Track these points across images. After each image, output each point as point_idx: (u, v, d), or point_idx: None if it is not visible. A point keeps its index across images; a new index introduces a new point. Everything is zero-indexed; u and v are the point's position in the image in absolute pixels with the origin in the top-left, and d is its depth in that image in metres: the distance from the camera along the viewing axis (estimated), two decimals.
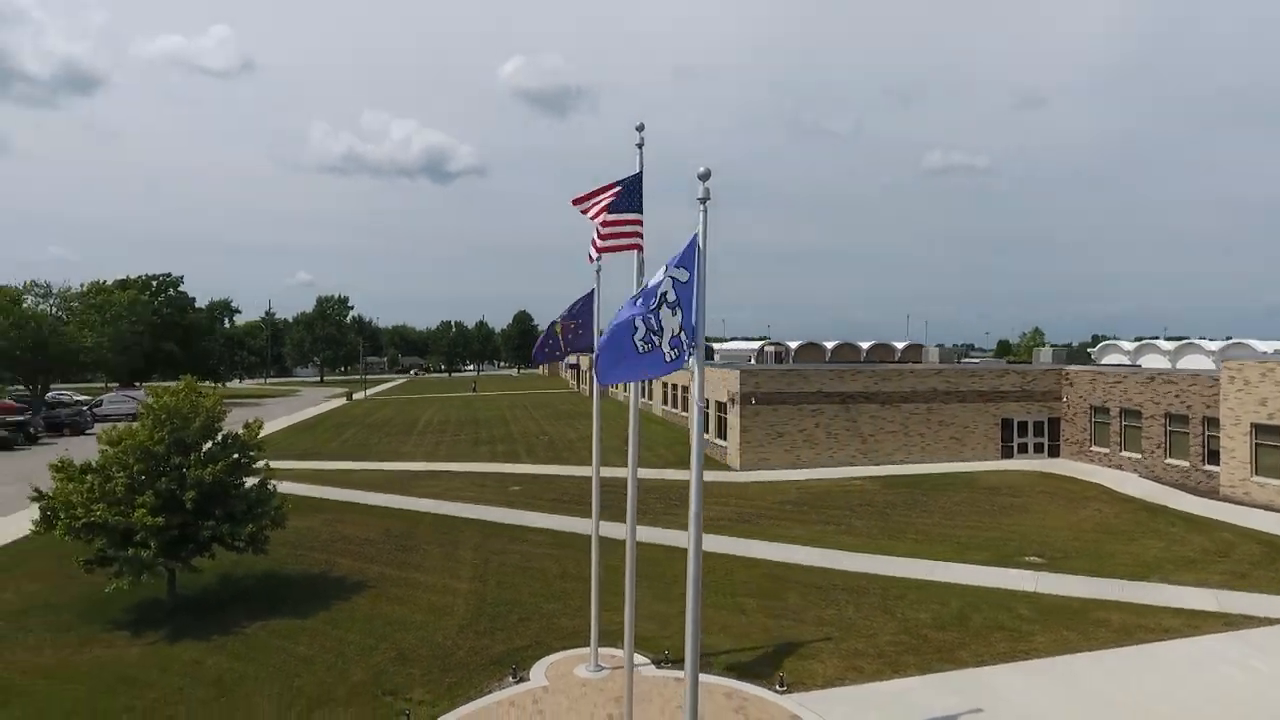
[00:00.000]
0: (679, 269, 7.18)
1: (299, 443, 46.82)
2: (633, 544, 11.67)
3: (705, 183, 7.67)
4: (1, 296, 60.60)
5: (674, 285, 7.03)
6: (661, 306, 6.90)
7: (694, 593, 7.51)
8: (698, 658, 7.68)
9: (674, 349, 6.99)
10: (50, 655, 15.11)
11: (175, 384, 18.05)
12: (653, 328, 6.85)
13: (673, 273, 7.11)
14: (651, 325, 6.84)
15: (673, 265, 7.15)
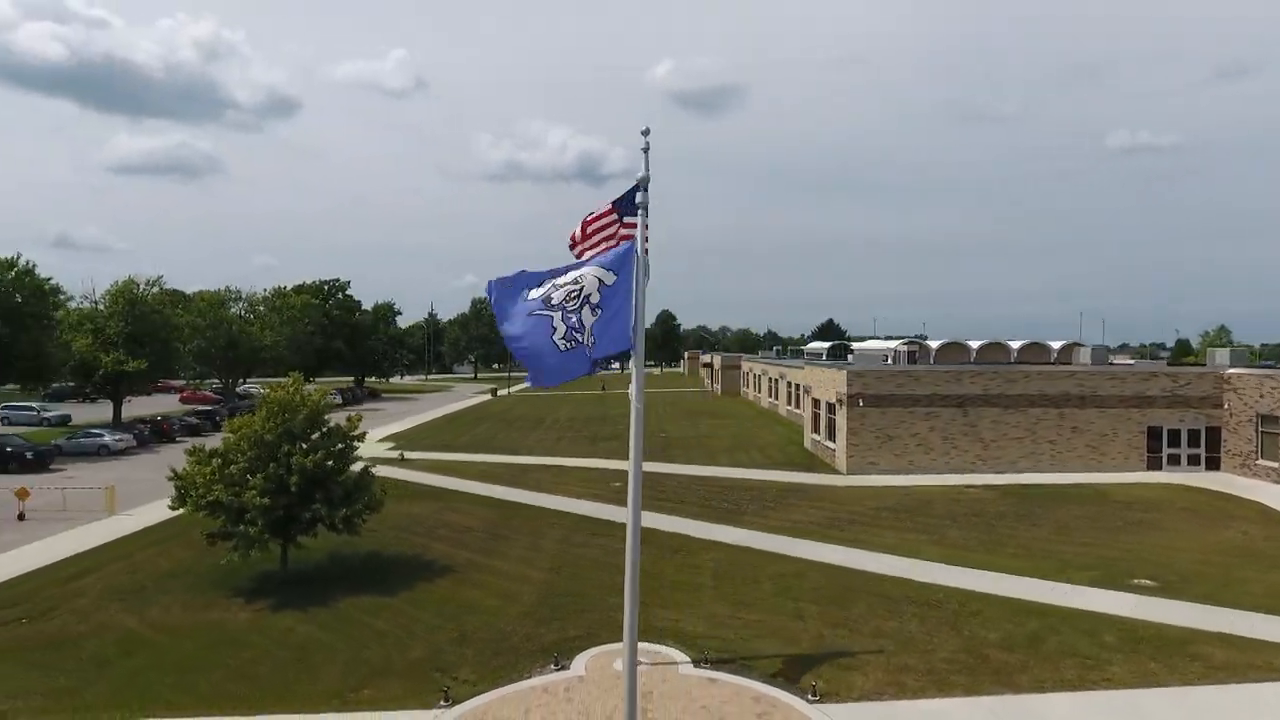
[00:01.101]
0: (607, 271, 7.39)
1: (437, 435, 50.22)
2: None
3: (643, 191, 7.84)
4: (205, 300, 69.09)
5: (599, 286, 7.26)
6: (584, 307, 7.15)
7: (631, 591, 7.69)
8: (634, 653, 7.85)
9: (592, 348, 7.22)
10: (177, 614, 17.42)
11: (285, 380, 20.15)
12: (573, 325, 7.12)
13: (598, 273, 7.34)
14: (572, 324, 7.11)
15: (599, 265, 7.38)
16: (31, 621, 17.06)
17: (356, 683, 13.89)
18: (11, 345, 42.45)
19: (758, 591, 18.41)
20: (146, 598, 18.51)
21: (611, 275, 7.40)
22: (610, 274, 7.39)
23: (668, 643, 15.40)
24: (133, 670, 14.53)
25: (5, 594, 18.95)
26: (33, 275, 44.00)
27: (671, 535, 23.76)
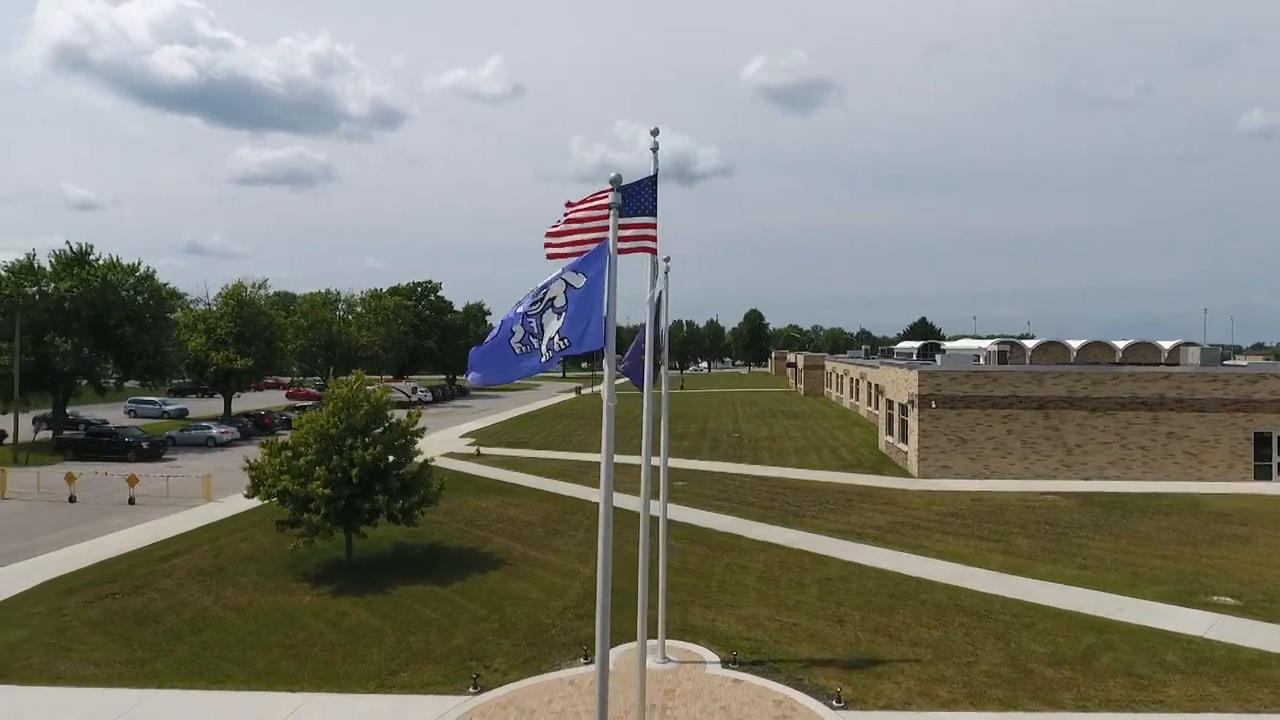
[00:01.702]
0: (576, 274, 7.56)
1: (516, 432, 51.57)
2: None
3: (617, 187, 7.97)
4: (308, 303, 73.34)
5: (565, 289, 7.43)
6: (546, 310, 7.35)
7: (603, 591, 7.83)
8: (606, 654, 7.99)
9: (549, 350, 7.40)
10: (248, 595, 18.67)
11: (347, 377, 21.24)
12: (532, 331, 7.32)
13: (566, 276, 7.51)
14: (531, 329, 7.31)
15: (569, 269, 7.55)
16: (122, 596, 18.64)
17: (396, 666, 14.55)
18: (133, 344, 46.25)
19: (802, 595, 18.15)
20: (224, 578, 19.91)
21: (581, 277, 7.56)
22: (580, 276, 7.56)
23: (701, 642, 15.43)
24: (200, 645, 15.69)
25: (106, 570, 20.76)
26: (152, 279, 47.78)
27: (726, 535, 23.68)
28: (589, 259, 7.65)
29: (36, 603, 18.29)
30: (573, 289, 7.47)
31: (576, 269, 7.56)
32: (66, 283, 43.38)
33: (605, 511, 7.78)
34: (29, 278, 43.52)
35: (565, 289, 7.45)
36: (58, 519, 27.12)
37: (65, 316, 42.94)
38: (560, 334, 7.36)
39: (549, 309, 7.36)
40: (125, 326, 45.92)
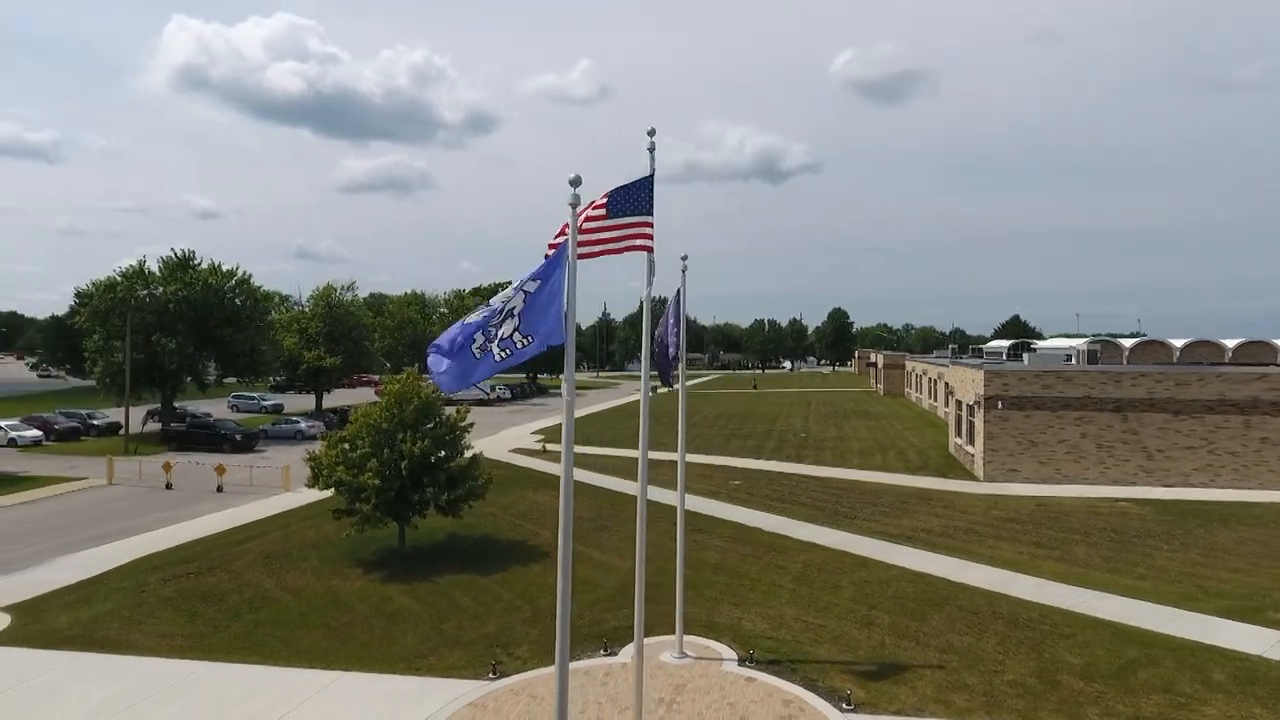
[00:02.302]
0: (532, 280, 7.86)
1: (585, 429, 52.37)
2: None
3: (576, 189, 8.22)
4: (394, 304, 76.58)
5: (524, 299, 7.74)
6: (506, 320, 7.68)
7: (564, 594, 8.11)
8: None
9: (503, 349, 7.69)
10: (306, 579, 19.87)
11: (400, 374, 22.23)
12: (489, 336, 7.65)
13: (525, 286, 7.82)
14: (489, 335, 7.64)
15: (525, 278, 7.86)
16: (195, 576, 20.18)
17: (426, 650, 15.26)
18: (231, 343, 49.55)
19: (836, 597, 17.93)
20: (288, 562, 21.24)
21: (537, 283, 7.85)
22: (535, 282, 7.85)
23: (723, 640, 15.51)
24: (255, 623, 16.86)
25: (186, 552, 22.47)
26: (247, 283, 51.05)
27: (772, 535, 23.57)
28: (549, 264, 7.95)
29: (124, 579, 20.00)
30: (529, 295, 7.78)
31: (534, 277, 7.87)
32: (172, 286, 46.87)
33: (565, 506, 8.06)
34: (140, 281, 47.26)
35: (524, 297, 7.77)
36: (154, 504, 29.44)
37: (170, 317, 46.41)
38: (519, 332, 7.67)
39: (508, 318, 7.69)
40: (225, 327, 49.24)
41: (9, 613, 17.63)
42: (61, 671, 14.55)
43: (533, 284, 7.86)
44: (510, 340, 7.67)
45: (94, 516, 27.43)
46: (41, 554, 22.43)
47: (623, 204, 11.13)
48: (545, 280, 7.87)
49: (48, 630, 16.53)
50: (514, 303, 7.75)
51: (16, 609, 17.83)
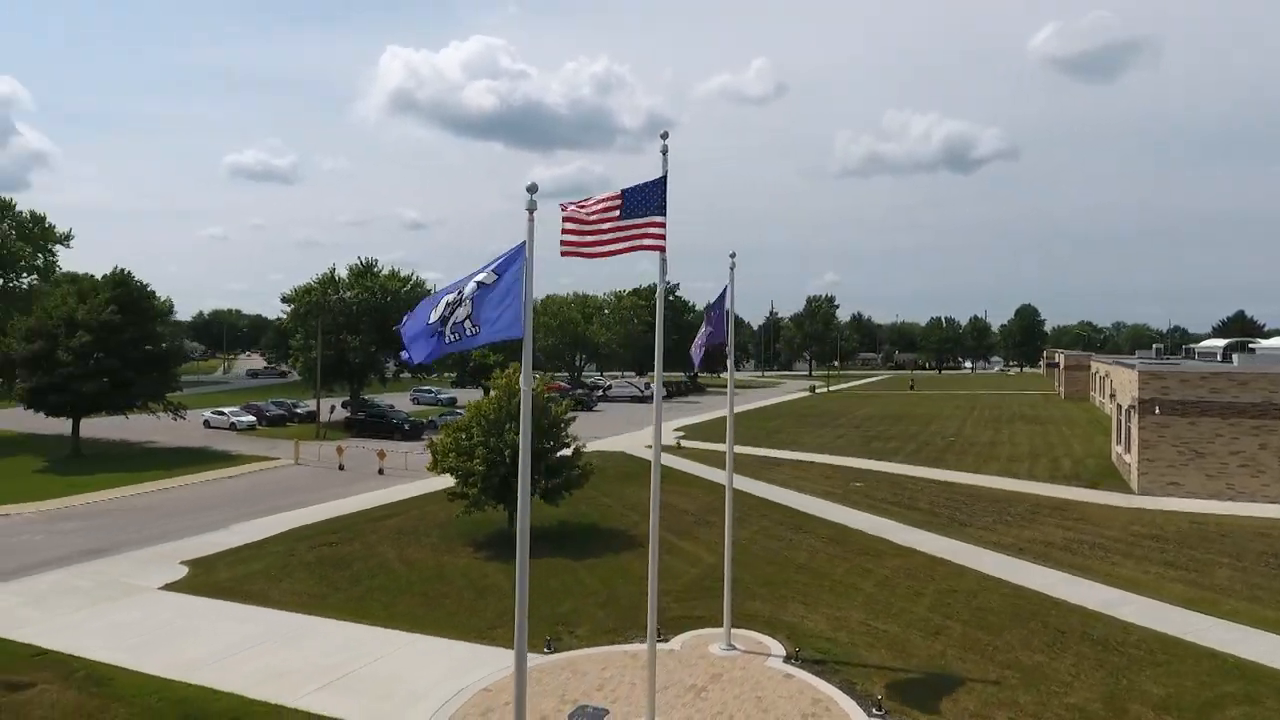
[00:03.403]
0: (489, 273, 8.66)
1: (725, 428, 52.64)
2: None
3: (533, 195, 8.93)
4: (556, 304, 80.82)
5: (476, 289, 8.56)
6: (459, 306, 8.54)
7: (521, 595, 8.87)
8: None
9: (455, 333, 8.53)
10: (423, 554, 22.04)
11: (506, 370, 23.93)
12: (445, 319, 8.55)
13: (479, 277, 8.64)
14: (445, 318, 8.55)
15: (482, 270, 8.67)
16: (334, 546, 22.98)
17: (499, 622, 16.58)
18: None
19: (914, 604, 17.32)
20: (413, 538, 23.62)
21: (494, 276, 8.64)
22: (493, 275, 8.64)
23: (778, 636, 15.58)
24: (369, 588, 19.08)
25: (334, 524, 25.56)
26: (420, 286, 56.21)
27: (871, 538, 22.94)
28: (506, 259, 8.74)
29: (279, 544, 23.20)
30: (484, 285, 8.59)
31: (493, 269, 8.69)
32: (356, 290, 52.69)
33: (523, 502, 8.79)
34: (331, 287, 53.52)
35: (475, 285, 8.61)
36: (325, 482, 33.54)
37: (355, 318, 52.18)
38: (471, 320, 8.52)
39: (460, 304, 8.57)
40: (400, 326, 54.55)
41: (187, 565, 21.12)
42: (211, 614, 17.36)
43: (489, 275, 8.67)
44: (461, 325, 8.53)
45: (275, 490, 31.77)
46: (228, 519, 26.42)
47: (637, 204, 11.60)
48: (501, 275, 8.66)
49: (210, 582, 19.67)
50: (467, 290, 8.59)
51: (193, 563, 21.30)
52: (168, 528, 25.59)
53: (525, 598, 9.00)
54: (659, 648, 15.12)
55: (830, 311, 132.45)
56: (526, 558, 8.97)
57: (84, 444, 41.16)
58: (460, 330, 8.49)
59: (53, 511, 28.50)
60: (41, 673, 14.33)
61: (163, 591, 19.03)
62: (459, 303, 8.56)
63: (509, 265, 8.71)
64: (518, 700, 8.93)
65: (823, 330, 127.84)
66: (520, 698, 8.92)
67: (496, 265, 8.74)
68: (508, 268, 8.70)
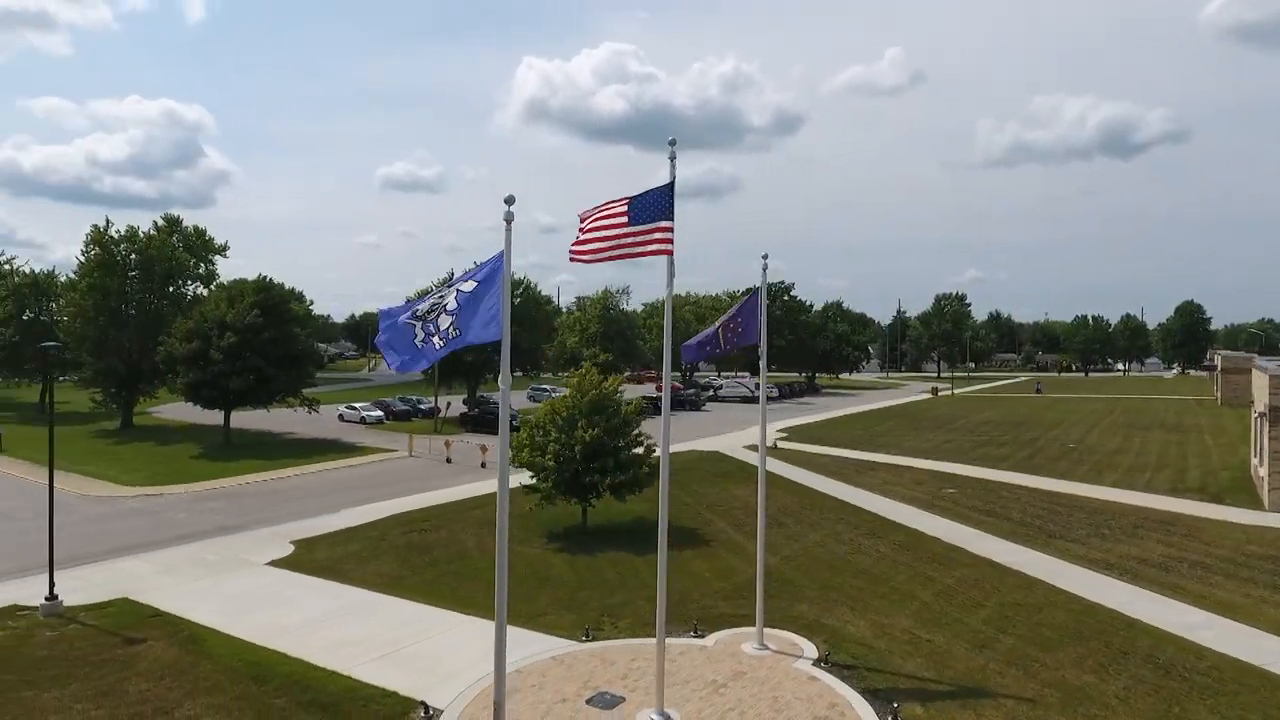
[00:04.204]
0: (468, 282, 9.34)
1: (832, 429, 51.67)
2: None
3: (510, 206, 9.54)
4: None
5: (457, 295, 9.26)
6: (440, 315, 9.25)
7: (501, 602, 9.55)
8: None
9: (441, 340, 9.23)
10: (490, 542, 23.00)
11: (580, 369, 24.82)
12: (430, 331, 9.27)
13: (459, 285, 9.33)
14: (429, 330, 9.27)
15: (462, 279, 9.36)
16: (422, 533, 24.70)
17: (549, 610, 17.46)
18: (518, 342, 57.37)
19: (970, 615, 16.72)
20: (490, 531, 24.89)
21: (473, 284, 9.32)
22: (472, 283, 9.32)
23: (815, 639, 15.52)
24: (442, 572, 20.48)
25: (428, 513, 27.39)
26: (531, 288, 58.63)
27: (945, 546, 22.17)
28: (482, 268, 9.42)
29: (375, 529, 25.20)
30: (464, 294, 9.31)
31: (471, 277, 9.39)
32: None
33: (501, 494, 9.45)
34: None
35: (457, 294, 9.33)
36: (432, 474, 35.85)
37: None
38: (454, 325, 9.24)
39: (443, 313, 9.30)
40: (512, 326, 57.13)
41: (294, 544, 23.38)
42: (301, 589, 19.26)
43: (468, 284, 9.38)
44: (446, 332, 9.27)
45: (387, 480, 34.32)
46: (340, 505, 28.89)
47: (644, 210, 12.01)
48: (481, 282, 9.35)
49: (309, 560, 21.73)
50: (448, 300, 9.32)
51: (299, 543, 23.55)
52: (288, 510, 28.32)
53: (504, 573, 9.67)
54: (692, 643, 15.54)
55: (962, 310, 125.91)
56: (505, 541, 9.64)
57: (233, 434, 45.93)
58: (445, 336, 9.24)
59: (199, 493, 32.16)
60: (154, 631, 16.50)
61: (269, 567, 21.23)
62: (440, 312, 9.29)
63: (488, 273, 9.39)
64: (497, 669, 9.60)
65: (952, 330, 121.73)
66: (500, 665, 9.59)
67: (477, 275, 9.45)
68: (487, 275, 9.39)
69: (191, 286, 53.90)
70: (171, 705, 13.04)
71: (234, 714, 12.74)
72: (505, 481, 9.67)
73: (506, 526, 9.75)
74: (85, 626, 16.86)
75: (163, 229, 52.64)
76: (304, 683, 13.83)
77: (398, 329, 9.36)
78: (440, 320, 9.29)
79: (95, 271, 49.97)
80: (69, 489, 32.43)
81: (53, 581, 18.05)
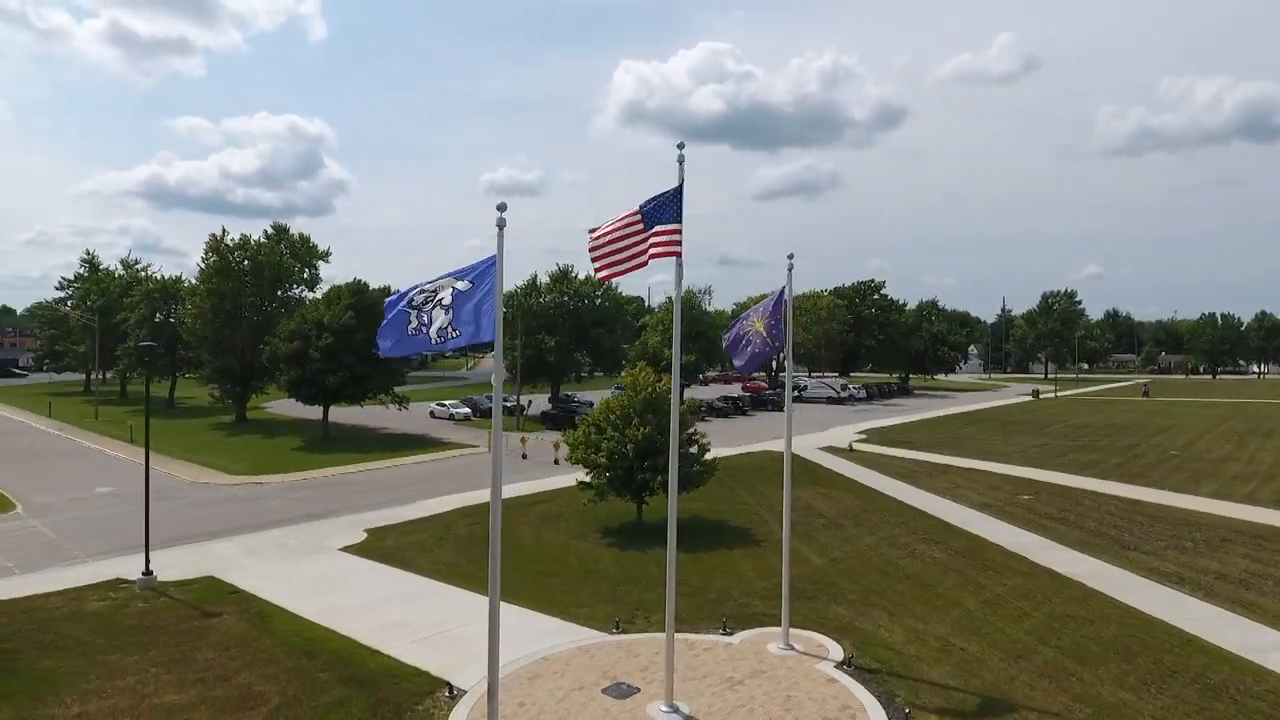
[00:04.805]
0: (460, 280, 9.87)
1: (915, 431, 50.13)
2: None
3: (502, 213, 10.03)
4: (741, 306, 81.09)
5: (451, 292, 9.81)
6: (435, 307, 9.79)
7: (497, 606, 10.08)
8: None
9: (440, 336, 9.77)
10: (558, 536, 24.03)
11: (633, 368, 25.24)
12: (424, 321, 9.84)
13: (452, 282, 9.87)
14: (423, 320, 9.84)
15: (454, 276, 9.88)
16: (485, 524, 25.70)
17: (588, 603, 18.00)
18: (600, 342, 58.46)
19: (1012, 625, 16.19)
20: (553, 523, 25.78)
21: (465, 284, 9.83)
22: (464, 282, 9.84)
23: (844, 642, 15.43)
24: None
25: None
26: (612, 290, 59.58)
27: (1007, 554, 21.41)
28: (476, 268, 9.95)
29: (442, 520, 26.45)
30: (458, 291, 9.85)
31: (461, 276, 9.92)
32: (553, 294, 57.10)
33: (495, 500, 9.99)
34: (533, 292, 58.45)
35: (452, 291, 9.88)
36: (507, 469, 36.47)
37: (551, 321, 56.58)
38: (452, 325, 9.82)
39: (437, 306, 9.85)
40: (596, 328, 58.26)
41: (367, 532, 24.87)
42: (365, 573, 20.56)
43: (461, 283, 9.91)
44: (444, 330, 9.85)
45: (463, 474, 35.79)
46: (415, 496, 30.41)
47: (656, 215, 12.36)
48: (474, 283, 9.88)
49: (378, 547, 23.10)
50: (441, 294, 9.86)
51: (372, 531, 25.03)
52: (369, 500, 30.07)
53: (496, 563, 10.20)
54: (718, 640, 15.74)
55: (1071, 308, 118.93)
56: (498, 535, 10.16)
57: (331, 428, 48.89)
58: (444, 334, 9.85)
59: (294, 482, 34.56)
60: (230, 606, 18.05)
61: (341, 552, 22.72)
62: (435, 305, 9.83)
63: (480, 273, 9.93)
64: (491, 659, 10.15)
65: (1060, 329, 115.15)
66: (494, 654, 10.14)
67: (465, 272, 9.97)
68: (481, 277, 9.92)
69: (297, 290, 57.65)
70: (231, 674, 14.33)
71: (282, 684, 13.88)
72: (499, 475, 10.21)
73: (500, 524, 10.30)
74: (172, 600, 18.62)
75: (271, 237, 56.58)
76: (348, 659, 14.88)
77: (395, 316, 10.02)
78: (434, 314, 9.86)
79: (213, 277, 54.24)
80: (182, 475, 35.56)
81: (148, 559, 20.03)
